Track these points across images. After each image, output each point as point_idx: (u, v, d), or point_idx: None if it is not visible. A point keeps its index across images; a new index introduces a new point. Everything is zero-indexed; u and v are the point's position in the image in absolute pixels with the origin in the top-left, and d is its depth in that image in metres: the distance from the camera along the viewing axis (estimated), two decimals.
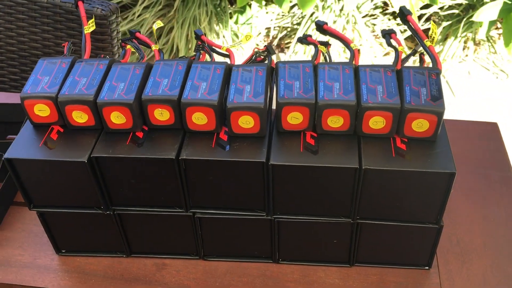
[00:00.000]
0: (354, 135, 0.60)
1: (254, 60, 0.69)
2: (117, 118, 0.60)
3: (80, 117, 0.60)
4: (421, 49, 0.66)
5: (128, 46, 0.71)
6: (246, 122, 0.59)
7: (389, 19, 2.51)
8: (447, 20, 2.49)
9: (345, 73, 0.61)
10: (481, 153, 0.82)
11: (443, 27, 2.48)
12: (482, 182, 0.78)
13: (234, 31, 2.42)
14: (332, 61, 0.67)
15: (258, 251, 0.69)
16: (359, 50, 0.67)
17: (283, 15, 2.47)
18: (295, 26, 2.43)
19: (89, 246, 0.71)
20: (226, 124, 0.60)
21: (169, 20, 2.38)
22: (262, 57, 0.69)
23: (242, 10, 2.42)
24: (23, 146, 0.60)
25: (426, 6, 2.46)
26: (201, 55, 0.70)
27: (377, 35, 2.58)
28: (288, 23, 2.48)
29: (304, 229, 0.65)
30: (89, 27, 0.71)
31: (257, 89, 0.59)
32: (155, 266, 0.69)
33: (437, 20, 2.54)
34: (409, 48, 2.41)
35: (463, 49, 2.52)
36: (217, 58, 0.71)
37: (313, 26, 2.34)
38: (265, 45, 0.70)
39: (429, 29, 2.75)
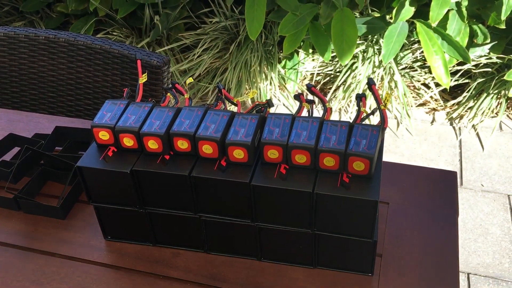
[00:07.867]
0: (314, 169, 0.84)
1: (254, 110, 0.94)
2: (152, 144, 0.87)
3: (128, 142, 0.88)
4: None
5: (168, 94, 0.99)
6: (239, 154, 0.84)
7: (426, 73, 2.70)
8: (483, 77, 2.64)
9: (313, 125, 0.85)
10: (436, 195, 1.03)
11: (477, 83, 2.64)
12: (430, 217, 0.99)
13: (282, 74, 2.70)
14: (313, 115, 0.92)
15: (246, 250, 0.94)
16: (331, 108, 0.91)
17: (326, 64, 2.73)
18: (337, 74, 2.67)
19: (127, 235, 0.98)
20: (226, 154, 0.85)
21: (224, 62, 2.69)
22: (262, 108, 0.95)
23: (290, 57, 2.70)
24: (89, 159, 0.89)
25: (462, 63, 2.64)
26: (218, 104, 0.96)
27: (415, 86, 2.78)
28: (331, 70, 2.73)
29: (278, 235, 0.89)
30: (143, 78, 0.99)
31: (249, 131, 0.84)
32: (171, 254, 0.95)
33: (473, 76, 2.70)
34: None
35: (497, 105, 2.66)
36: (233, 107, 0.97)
37: (353, 74, 2.57)
38: (266, 99, 0.96)
39: (463, 83, 2.89)
